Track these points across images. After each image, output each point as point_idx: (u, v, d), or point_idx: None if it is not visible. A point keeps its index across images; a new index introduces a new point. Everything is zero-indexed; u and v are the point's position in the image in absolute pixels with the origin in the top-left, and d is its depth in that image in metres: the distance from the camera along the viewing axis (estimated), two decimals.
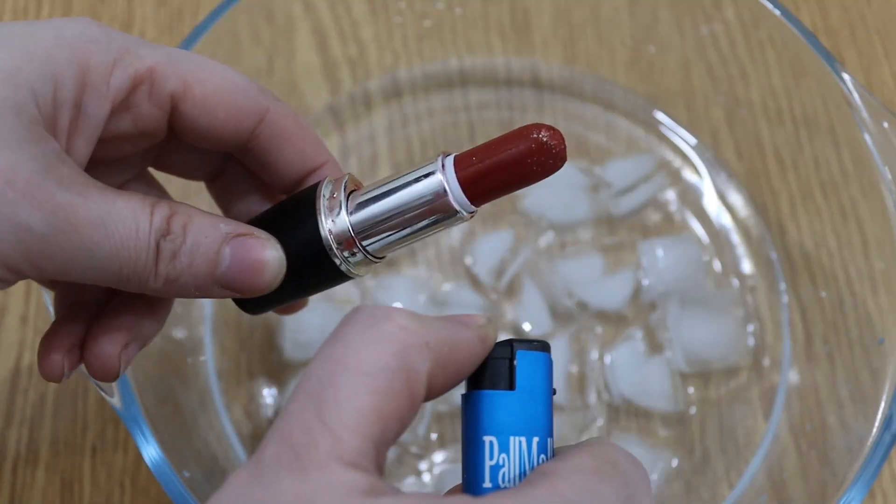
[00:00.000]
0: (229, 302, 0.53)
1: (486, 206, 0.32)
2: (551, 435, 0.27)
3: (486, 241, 0.54)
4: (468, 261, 0.54)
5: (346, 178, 0.33)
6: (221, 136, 0.33)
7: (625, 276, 0.53)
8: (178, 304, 0.51)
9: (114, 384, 0.40)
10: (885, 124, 0.47)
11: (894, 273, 0.48)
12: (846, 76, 0.48)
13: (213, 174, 0.36)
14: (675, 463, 0.50)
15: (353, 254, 0.32)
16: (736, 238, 0.56)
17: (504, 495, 0.24)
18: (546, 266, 0.53)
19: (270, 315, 0.53)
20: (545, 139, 0.29)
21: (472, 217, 0.31)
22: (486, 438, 0.26)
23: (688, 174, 0.58)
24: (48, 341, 0.34)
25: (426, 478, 0.49)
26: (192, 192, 0.40)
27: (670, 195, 0.57)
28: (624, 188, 0.56)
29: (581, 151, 0.58)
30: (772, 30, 0.52)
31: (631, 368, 0.51)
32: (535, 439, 0.27)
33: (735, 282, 0.54)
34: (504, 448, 0.26)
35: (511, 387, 0.27)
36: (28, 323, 0.52)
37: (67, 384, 0.51)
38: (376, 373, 0.24)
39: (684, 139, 0.59)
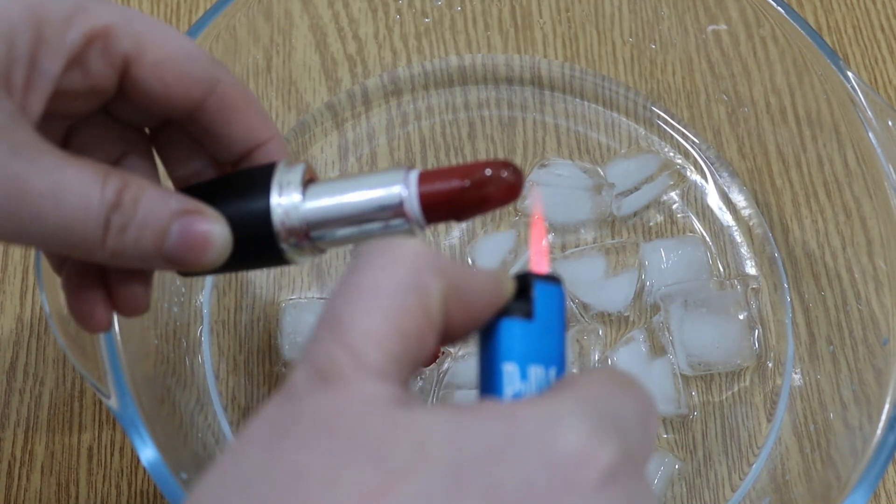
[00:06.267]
0: (227, 303, 0.53)
1: None
2: (565, 369, 0.27)
3: (488, 242, 0.54)
4: (469, 261, 0.54)
5: (304, 166, 0.33)
6: (169, 102, 0.32)
7: (627, 277, 0.53)
8: (176, 305, 0.50)
9: (110, 385, 0.40)
10: (890, 123, 0.47)
11: None
12: (850, 74, 0.48)
13: (157, 129, 0.36)
14: (677, 466, 0.50)
15: (300, 243, 0.32)
16: (739, 238, 0.56)
17: (530, 398, 0.25)
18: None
19: (269, 317, 0.52)
20: (506, 175, 0.30)
21: (420, 232, 0.32)
22: (506, 366, 0.26)
23: (690, 173, 0.57)
24: (81, 298, 0.34)
25: None
26: None
27: (673, 195, 0.56)
28: (627, 189, 0.55)
29: (582, 150, 0.57)
30: (775, 27, 0.51)
31: (633, 371, 0.51)
32: (553, 370, 0.27)
33: (738, 283, 0.54)
34: (524, 376, 0.26)
35: (530, 316, 0.27)
36: (24, 324, 0.52)
37: (63, 386, 0.50)
38: (391, 292, 0.25)
39: (686, 138, 0.58)
